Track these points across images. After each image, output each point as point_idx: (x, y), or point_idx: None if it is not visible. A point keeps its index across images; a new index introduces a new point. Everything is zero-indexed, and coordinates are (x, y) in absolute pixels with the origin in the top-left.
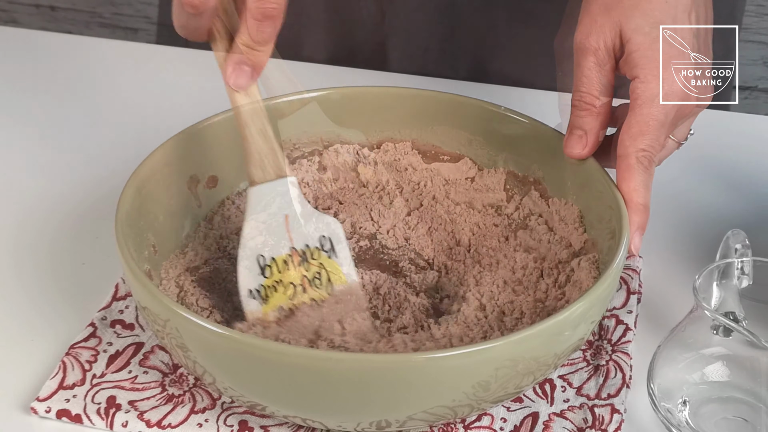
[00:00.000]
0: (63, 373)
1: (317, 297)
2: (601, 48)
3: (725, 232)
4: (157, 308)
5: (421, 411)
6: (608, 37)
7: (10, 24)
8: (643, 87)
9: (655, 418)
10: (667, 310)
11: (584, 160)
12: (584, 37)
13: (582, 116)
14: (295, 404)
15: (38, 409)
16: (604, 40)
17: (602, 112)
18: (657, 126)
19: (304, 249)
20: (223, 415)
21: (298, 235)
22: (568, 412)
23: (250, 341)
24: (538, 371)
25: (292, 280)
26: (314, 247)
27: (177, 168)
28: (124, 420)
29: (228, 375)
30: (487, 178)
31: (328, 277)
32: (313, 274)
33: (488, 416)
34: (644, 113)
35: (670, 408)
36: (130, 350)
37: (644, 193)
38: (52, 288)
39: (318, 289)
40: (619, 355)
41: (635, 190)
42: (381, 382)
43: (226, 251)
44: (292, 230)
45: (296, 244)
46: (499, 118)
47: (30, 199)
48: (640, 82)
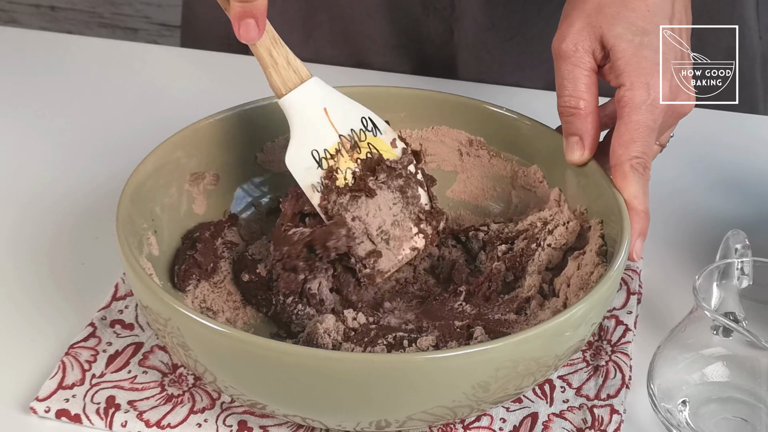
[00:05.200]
0: (62, 373)
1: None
2: (578, 50)
3: (725, 232)
4: (158, 307)
5: (421, 411)
6: (585, 41)
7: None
8: (630, 94)
9: (654, 419)
10: (667, 310)
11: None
12: (560, 43)
13: (571, 121)
14: (294, 403)
15: (37, 408)
16: (581, 43)
17: (589, 112)
18: (647, 132)
19: (350, 134)
20: (222, 415)
21: (341, 123)
22: (567, 413)
23: (251, 340)
24: (538, 372)
25: (347, 165)
26: (359, 130)
27: (177, 167)
28: (123, 420)
29: (228, 373)
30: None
31: (380, 153)
32: (365, 155)
33: (488, 416)
34: (633, 120)
35: (670, 408)
36: (130, 350)
37: (643, 199)
38: (52, 288)
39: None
40: (618, 356)
41: (635, 197)
42: (381, 382)
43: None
44: (333, 120)
45: (341, 131)
46: (500, 118)
47: (30, 199)
48: (626, 89)
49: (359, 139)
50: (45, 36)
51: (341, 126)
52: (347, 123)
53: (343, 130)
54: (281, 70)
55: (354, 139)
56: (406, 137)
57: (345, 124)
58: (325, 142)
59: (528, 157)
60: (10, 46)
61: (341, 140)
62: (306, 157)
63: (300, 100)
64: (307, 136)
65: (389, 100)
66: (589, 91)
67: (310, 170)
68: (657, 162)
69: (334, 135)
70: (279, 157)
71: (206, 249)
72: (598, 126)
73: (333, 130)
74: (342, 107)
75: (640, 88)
